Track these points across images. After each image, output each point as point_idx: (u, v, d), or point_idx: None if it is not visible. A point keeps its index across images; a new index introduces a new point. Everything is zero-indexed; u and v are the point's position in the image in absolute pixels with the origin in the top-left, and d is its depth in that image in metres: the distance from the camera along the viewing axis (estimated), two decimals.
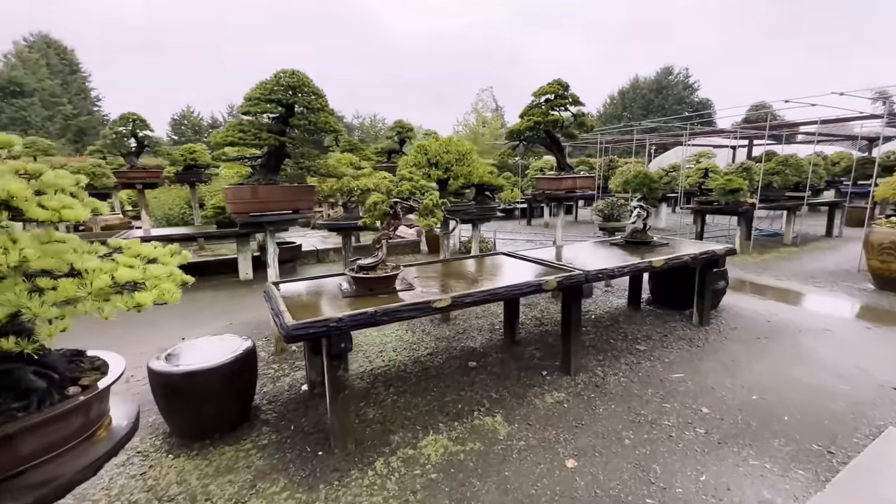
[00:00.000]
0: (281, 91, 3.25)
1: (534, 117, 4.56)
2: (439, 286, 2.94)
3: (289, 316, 2.22)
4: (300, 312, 2.35)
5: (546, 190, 5.12)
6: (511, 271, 3.38)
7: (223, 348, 2.65)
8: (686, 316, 4.52)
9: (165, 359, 2.52)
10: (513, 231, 12.25)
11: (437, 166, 4.04)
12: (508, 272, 3.36)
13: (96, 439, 1.39)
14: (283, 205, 3.52)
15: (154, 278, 1.35)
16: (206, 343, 2.78)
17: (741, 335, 4.08)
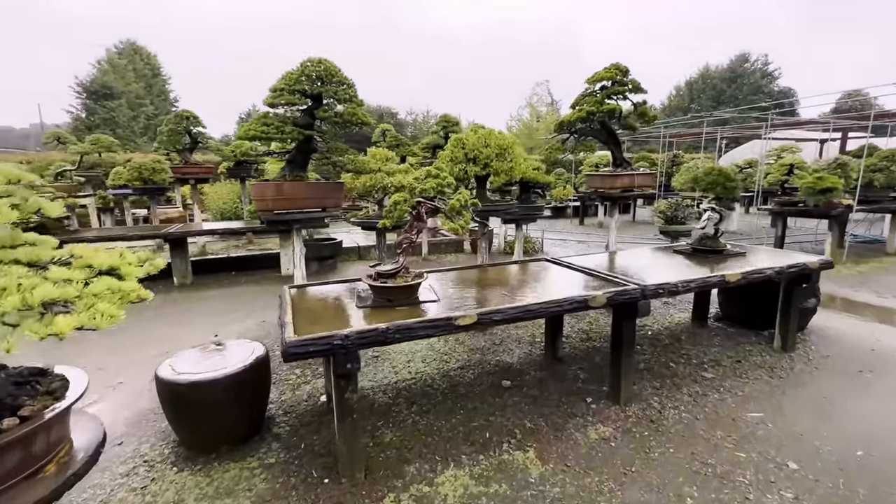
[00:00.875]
0: (306, 81, 3.05)
1: (587, 107, 4.07)
2: (469, 297, 2.60)
3: (291, 329, 1.98)
4: (306, 324, 2.12)
5: (599, 188, 4.60)
6: (554, 282, 2.97)
7: (236, 355, 2.49)
8: (765, 338, 3.85)
9: (173, 366, 2.39)
10: (563, 230, 11.60)
11: (475, 162, 3.69)
12: (551, 283, 2.95)
13: (42, 476, 1.20)
14: (310, 202, 3.34)
15: (91, 297, 1.13)
16: (220, 348, 2.63)
17: (837, 365, 3.38)
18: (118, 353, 3.92)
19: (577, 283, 2.86)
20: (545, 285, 2.89)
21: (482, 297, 2.61)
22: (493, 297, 2.58)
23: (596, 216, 13.89)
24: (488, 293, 2.69)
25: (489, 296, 2.63)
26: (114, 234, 5.92)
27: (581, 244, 9.67)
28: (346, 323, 2.17)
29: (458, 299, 2.54)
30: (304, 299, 2.59)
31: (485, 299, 2.54)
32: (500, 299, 2.52)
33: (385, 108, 39.66)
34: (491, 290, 2.75)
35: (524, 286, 2.85)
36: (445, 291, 2.69)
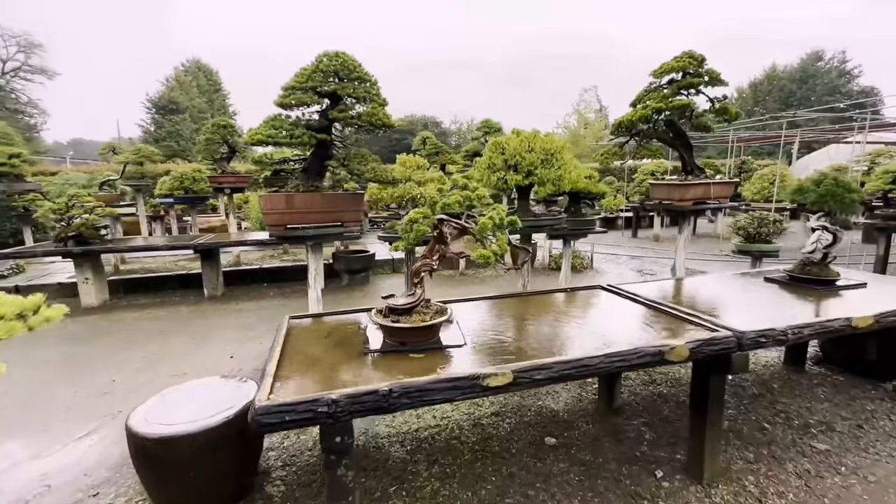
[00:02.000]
0: (320, 78, 2.65)
1: (652, 103, 3.41)
2: (505, 340, 2.06)
3: (267, 387, 1.53)
4: (292, 377, 1.66)
5: (664, 199, 3.90)
6: (614, 319, 2.36)
7: (223, 399, 2.08)
8: (889, 393, 3.00)
9: (147, 414, 2.01)
10: (615, 244, 10.69)
11: (516, 169, 3.14)
12: (610, 321, 2.34)
13: None
14: (324, 216, 2.93)
15: None
16: (208, 389, 2.24)
17: None
18: (131, 372, 3.69)
19: (645, 324, 2.24)
20: (602, 325, 2.28)
21: (522, 339, 2.06)
22: (536, 342, 2.01)
23: (651, 228, 12.81)
24: (530, 334, 2.13)
25: (531, 339, 2.07)
26: (146, 244, 5.87)
27: (635, 260, 8.78)
28: (344, 376, 1.69)
29: (491, 343, 2.00)
30: (302, 337, 2.15)
31: (525, 345, 1.98)
32: (544, 345, 1.96)
33: (430, 118, 39.85)
34: (533, 330, 2.18)
35: (575, 325, 2.25)
36: (475, 330, 2.16)
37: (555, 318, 2.37)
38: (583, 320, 2.33)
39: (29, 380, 3.60)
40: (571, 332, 2.13)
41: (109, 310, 5.56)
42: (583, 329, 2.18)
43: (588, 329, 2.18)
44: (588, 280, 7.05)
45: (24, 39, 31.67)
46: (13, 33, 30.98)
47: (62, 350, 4.23)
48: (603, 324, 2.27)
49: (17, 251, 5.48)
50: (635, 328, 2.18)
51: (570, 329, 2.18)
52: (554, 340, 2.02)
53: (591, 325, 2.26)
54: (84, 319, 5.18)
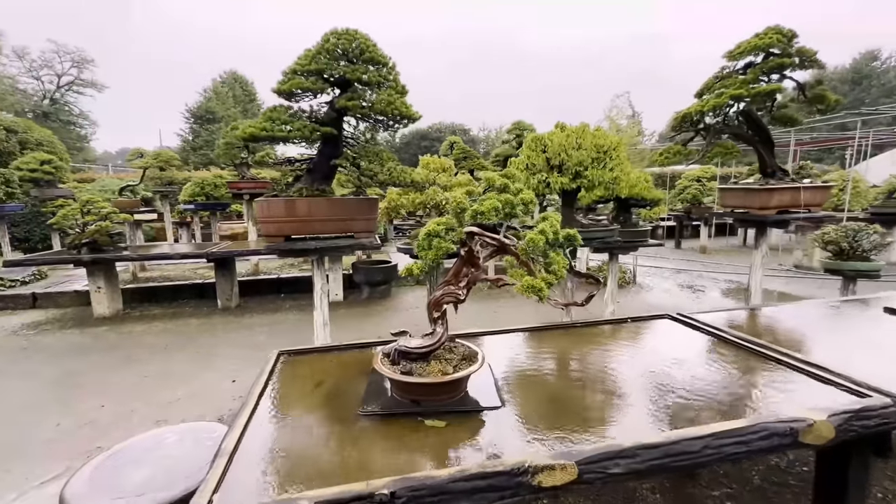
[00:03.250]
0: (325, 60, 2.20)
1: (730, 90, 2.79)
2: (556, 398, 1.51)
3: (212, 484, 1.04)
4: (257, 459, 1.18)
5: (738, 207, 3.24)
6: (698, 369, 1.76)
7: (179, 466, 1.62)
8: None
9: (92, 477, 1.57)
10: (656, 255, 9.87)
11: (560, 170, 2.60)
12: (694, 372, 1.74)
13: None
14: (331, 225, 2.47)
15: None
16: (176, 440, 1.79)
17: None
18: (123, 396, 3.33)
19: (747, 379, 1.64)
20: (686, 378, 1.69)
21: (580, 399, 1.50)
22: (601, 404, 1.45)
23: (695, 238, 11.88)
24: (590, 391, 1.57)
25: (592, 398, 1.51)
26: (157, 252, 5.62)
27: (681, 274, 7.98)
28: (330, 456, 1.19)
29: (538, 403, 1.46)
30: (287, 384, 1.67)
31: (585, 408, 1.43)
32: (612, 411, 1.40)
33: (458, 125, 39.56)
34: (594, 384, 1.62)
35: (649, 378, 1.68)
36: (513, 379, 1.62)
37: (618, 363, 1.80)
38: (657, 369, 1.74)
39: (20, 403, 3.29)
40: (647, 389, 1.55)
41: (121, 321, 5.31)
42: (662, 384, 1.60)
43: (668, 384, 1.60)
44: (632, 297, 6.35)
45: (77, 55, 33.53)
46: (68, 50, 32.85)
47: (63, 367, 3.95)
48: (687, 377, 1.68)
49: (28, 258, 5.33)
50: (735, 385, 1.58)
51: (644, 383, 1.60)
52: (624, 402, 1.46)
53: (670, 376, 1.67)
54: (93, 331, 4.94)
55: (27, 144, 14.50)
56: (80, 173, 19.16)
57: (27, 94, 31.69)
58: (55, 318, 5.41)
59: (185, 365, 3.95)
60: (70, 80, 33.93)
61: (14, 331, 4.97)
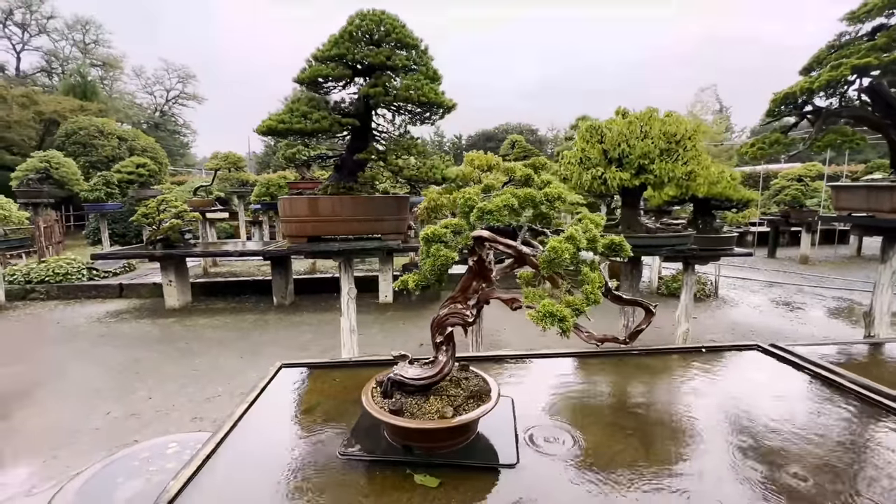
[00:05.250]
0: (348, 44, 2.00)
1: (850, 60, 2.18)
2: (594, 457, 1.15)
3: None
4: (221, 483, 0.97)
5: (860, 210, 2.55)
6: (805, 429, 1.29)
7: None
8: None
9: (80, 489, 1.49)
10: (744, 265, 8.71)
11: (621, 164, 2.18)
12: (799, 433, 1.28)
13: None
14: (357, 225, 2.28)
15: None
16: (173, 453, 1.68)
17: None
18: (170, 390, 3.43)
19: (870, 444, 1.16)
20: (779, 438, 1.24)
21: (628, 461, 1.13)
22: (658, 471, 1.08)
23: (794, 246, 10.36)
24: (647, 450, 1.19)
25: (647, 461, 1.13)
26: (222, 249, 5.91)
27: (774, 288, 6.90)
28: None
29: (568, 462, 1.11)
30: (277, 406, 1.48)
31: (637, 474, 1.06)
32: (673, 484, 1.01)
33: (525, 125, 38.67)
34: (653, 439, 1.23)
35: (733, 437, 1.25)
36: (535, 423, 1.28)
37: (687, 410, 1.38)
38: (743, 424, 1.30)
39: (87, 388, 3.52)
40: (724, 457, 1.14)
41: (188, 313, 5.64)
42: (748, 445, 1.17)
43: (759, 445, 1.17)
44: (712, 312, 5.55)
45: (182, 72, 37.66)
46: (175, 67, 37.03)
47: (130, 355, 4.21)
48: (781, 440, 1.23)
49: (111, 252, 5.85)
50: (864, 462, 1.11)
51: (720, 447, 1.19)
52: (691, 472, 1.06)
53: (761, 435, 1.23)
54: (162, 322, 5.28)
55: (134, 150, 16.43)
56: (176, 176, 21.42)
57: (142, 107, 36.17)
58: (134, 308, 5.88)
59: (233, 361, 4.03)
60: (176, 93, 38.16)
61: (99, 318, 5.46)
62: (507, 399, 1.36)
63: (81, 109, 17.66)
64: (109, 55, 31.96)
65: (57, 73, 30.70)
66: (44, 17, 29.45)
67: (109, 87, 31.71)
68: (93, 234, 11.26)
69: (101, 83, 29.75)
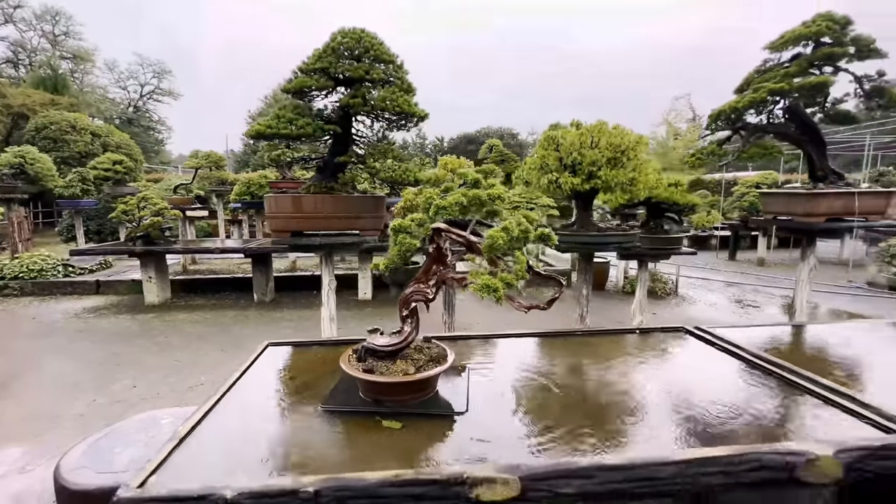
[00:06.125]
0: (331, 59, 2.23)
1: (768, 85, 2.54)
2: (528, 410, 1.42)
3: (153, 464, 1.06)
4: (211, 446, 1.19)
5: (782, 214, 2.93)
6: (702, 390, 1.59)
7: None
8: None
9: (84, 452, 1.67)
10: (707, 266, 9.23)
11: (574, 170, 2.47)
12: (696, 393, 1.58)
13: None
14: (337, 222, 2.50)
15: None
16: (167, 423, 1.87)
17: None
18: (154, 379, 3.56)
19: (756, 403, 1.46)
20: (684, 398, 1.53)
21: (556, 413, 1.40)
22: (577, 419, 1.34)
23: (752, 250, 10.99)
24: (569, 406, 1.46)
25: (570, 413, 1.40)
26: (202, 246, 6.00)
27: (732, 287, 7.40)
28: (279, 448, 1.19)
29: (509, 414, 1.37)
30: (264, 375, 1.70)
31: (560, 424, 1.33)
32: (586, 428, 1.29)
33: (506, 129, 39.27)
34: (576, 398, 1.51)
35: (642, 396, 1.54)
36: (491, 387, 1.54)
37: (612, 378, 1.66)
38: (654, 387, 1.59)
39: (68, 380, 3.61)
40: (631, 409, 1.42)
41: (167, 309, 5.71)
42: (653, 404, 1.46)
43: (662, 405, 1.45)
44: (671, 309, 5.96)
45: (158, 67, 36.76)
46: (150, 62, 36.12)
47: (110, 349, 4.30)
48: (685, 396, 1.52)
49: (90, 248, 5.87)
50: (740, 410, 1.40)
51: (629, 402, 1.47)
52: (605, 420, 1.34)
53: (666, 396, 1.52)
54: (142, 317, 5.35)
55: (108, 147, 16.09)
56: (152, 174, 21.01)
57: (115, 102, 35.12)
58: (112, 304, 5.91)
59: (215, 353, 4.17)
60: (151, 89, 37.21)
61: (76, 314, 5.48)
62: (463, 366, 1.61)
63: (52, 103, 17.20)
64: (80, 47, 30.98)
65: (24, 65, 29.61)
66: (10, 6, 28.37)
67: (80, 81, 30.74)
68: (66, 231, 11.06)
69: (72, 76, 28.87)
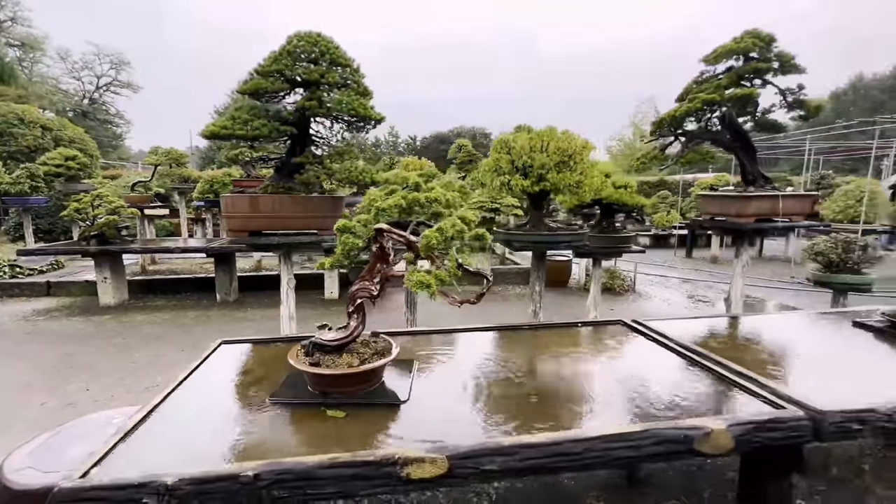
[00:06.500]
0: (287, 61, 2.27)
1: (703, 95, 2.74)
2: (467, 398, 1.52)
3: (97, 455, 1.11)
4: (158, 438, 1.24)
5: (718, 215, 3.17)
6: (630, 376, 1.75)
7: None
8: None
9: (32, 451, 1.67)
10: (665, 264, 9.67)
11: (525, 173, 2.60)
12: (624, 379, 1.73)
13: None
14: (296, 221, 2.54)
15: None
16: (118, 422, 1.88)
17: None
18: (109, 381, 3.48)
19: (673, 386, 1.61)
20: (611, 384, 1.67)
21: (491, 400, 1.51)
22: (510, 405, 1.46)
23: (709, 248, 11.56)
24: (505, 392, 1.57)
25: (505, 400, 1.51)
26: (161, 246, 5.86)
27: (687, 284, 7.79)
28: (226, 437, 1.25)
29: (447, 402, 1.47)
30: (216, 373, 1.74)
31: (493, 409, 1.44)
32: (517, 412, 1.40)
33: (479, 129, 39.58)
34: (512, 386, 1.63)
35: (572, 382, 1.67)
36: (434, 379, 1.64)
37: (549, 367, 1.79)
38: (587, 374, 1.73)
39: (15, 382, 3.48)
40: (565, 394, 1.55)
41: (124, 310, 5.54)
42: (581, 389, 1.59)
43: (589, 389, 1.59)
44: (628, 305, 6.24)
45: (115, 57, 35.04)
46: (107, 52, 34.39)
47: (62, 351, 4.15)
48: (612, 381, 1.66)
49: (40, 248, 5.62)
50: (659, 392, 1.56)
51: (565, 388, 1.60)
52: (536, 405, 1.46)
53: (596, 382, 1.66)
54: (96, 319, 5.17)
55: (61, 141, 15.27)
56: (109, 170, 20.07)
57: (69, 94, 33.25)
58: (64, 306, 5.69)
59: (174, 354, 4.10)
60: (108, 80, 35.45)
61: (25, 316, 5.25)
62: (411, 359, 1.71)
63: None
64: (29, 34, 29.16)
65: None
66: None
67: (29, 70, 28.98)
68: (14, 230, 10.47)
69: (20, 65, 27.18)
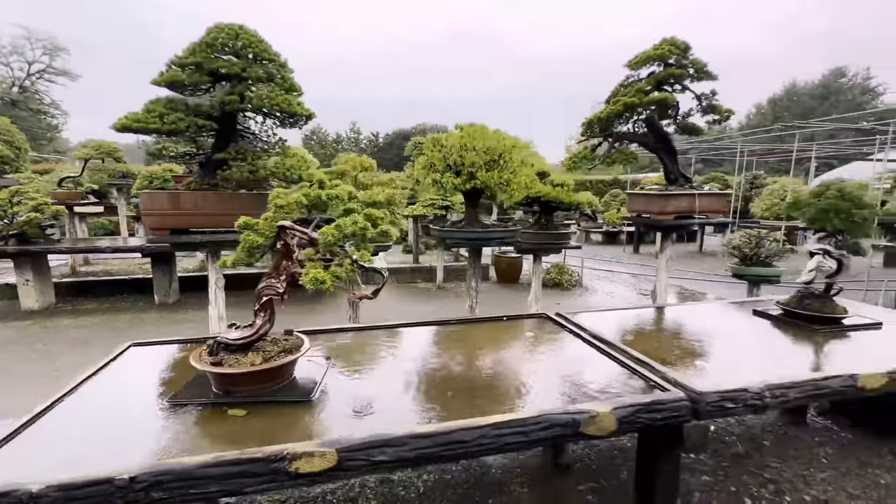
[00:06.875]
0: (205, 53, 2.20)
1: (624, 99, 2.89)
2: (380, 393, 1.55)
3: None
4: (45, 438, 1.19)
5: (643, 213, 3.35)
6: (541, 365, 1.83)
7: None
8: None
9: None
10: (613, 259, 10.08)
11: (457, 172, 2.65)
12: (534, 368, 1.81)
13: None
14: (219, 219, 2.47)
15: None
16: None
17: None
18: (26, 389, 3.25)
19: (581, 373, 1.71)
20: (521, 373, 1.75)
21: (402, 393, 1.54)
22: (418, 398, 1.50)
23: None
24: (415, 386, 1.61)
25: (414, 392, 1.55)
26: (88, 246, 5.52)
27: (634, 278, 8.16)
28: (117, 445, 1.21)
29: (350, 397, 1.49)
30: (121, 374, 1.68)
31: (401, 402, 1.47)
32: (423, 404, 1.44)
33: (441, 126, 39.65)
34: (423, 379, 1.67)
35: (484, 373, 1.73)
36: (349, 375, 1.65)
37: (466, 360, 1.85)
38: (500, 365, 1.80)
39: None
40: (474, 385, 1.61)
41: (49, 315, 5.18)
42: (492, 380, 1.66)
43: (500, 380, 1.66)
44: (574, 299, 6.47)
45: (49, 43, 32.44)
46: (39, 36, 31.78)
47: None
48: (523, 371, 1.74)
49: None
50: (564, 380, 1.64)
51: (475, 379, 1.66)
52: (442, 395, 1.50)
53: (507, 372, 1.73)
54: (17, 325, 4.81)
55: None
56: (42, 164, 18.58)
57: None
58: None
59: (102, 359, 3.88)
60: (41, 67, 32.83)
61: None
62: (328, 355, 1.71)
63: None
64: None
65: None
66: None
67: None
68: None
69: None
